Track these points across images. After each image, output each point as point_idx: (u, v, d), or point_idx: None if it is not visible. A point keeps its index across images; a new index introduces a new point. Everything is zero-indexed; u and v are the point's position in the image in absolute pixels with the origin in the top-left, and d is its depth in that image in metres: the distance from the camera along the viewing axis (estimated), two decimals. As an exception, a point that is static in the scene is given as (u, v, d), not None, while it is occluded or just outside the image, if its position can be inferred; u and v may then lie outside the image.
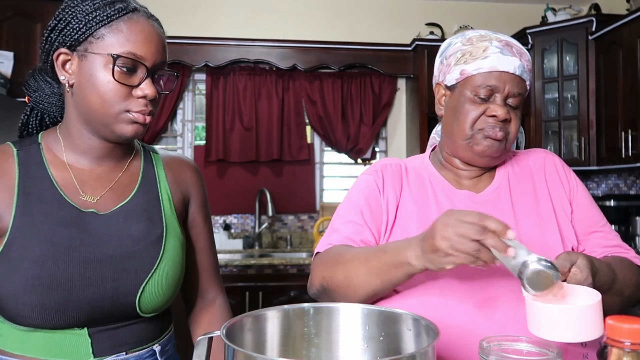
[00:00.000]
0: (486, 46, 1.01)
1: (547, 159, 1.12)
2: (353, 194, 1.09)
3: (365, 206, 1.05)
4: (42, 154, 0.93)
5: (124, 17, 0.87)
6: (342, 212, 1.08)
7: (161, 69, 0.92)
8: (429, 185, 1.08)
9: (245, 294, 2.87)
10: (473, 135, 1.02)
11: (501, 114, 0.98)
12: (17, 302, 0.82)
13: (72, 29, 0.87)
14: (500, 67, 0.99)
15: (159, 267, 0.92)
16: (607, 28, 3.15)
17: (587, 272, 0.82)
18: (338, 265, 0.93)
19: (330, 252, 0.99)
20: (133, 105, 0.88)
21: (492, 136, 1.00)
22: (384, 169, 1.10)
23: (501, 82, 0.99)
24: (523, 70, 1.00)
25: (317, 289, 0.99)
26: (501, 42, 1.01)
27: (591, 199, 1.10)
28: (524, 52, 1.03)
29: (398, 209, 1.05)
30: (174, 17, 3.51)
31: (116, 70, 0.85)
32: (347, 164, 3.77)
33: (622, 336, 0.47)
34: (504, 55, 0.99)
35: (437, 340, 0.60)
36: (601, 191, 3.72)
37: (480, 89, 1.00)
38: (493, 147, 1.01)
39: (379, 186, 1.07)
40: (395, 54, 3.60)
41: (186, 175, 1.06)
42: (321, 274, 0.97)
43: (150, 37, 0.88)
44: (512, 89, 0.99)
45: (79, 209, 0.90)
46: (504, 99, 1.00)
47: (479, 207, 1.03)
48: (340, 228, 1.04)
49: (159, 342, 0.97)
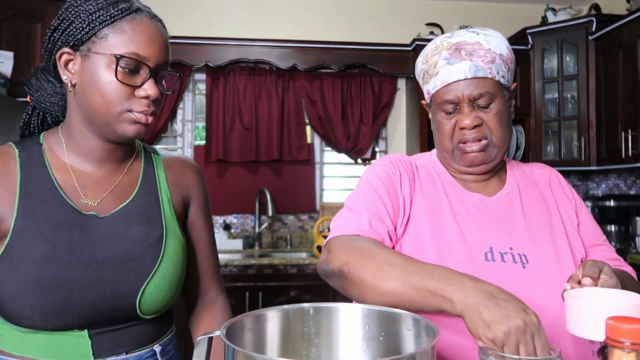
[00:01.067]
0: (435, 61, 1.01)
1: (552, 173, 1.14)
2: (372, 181, 1.03)
3: (386, 196, 1.00)
4: (44, 155, 0.93)
5: (128, 17, 0.87)
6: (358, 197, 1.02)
7: (164, 69, 0.92)
8: (439, 184, 1.06)
9: (245, 294, 2.87)
10: (454, 150, 1.03)
11: (468, 123, 0.98)
12: (18, 303, 0.82)
13: (75, 28, 0.86)
14: (451, 79, 0.99)
15: (159, 268, 0.92)
16: (607, 28, 3.15)
17: (616, 278, 0.82)
18: (370, 261, 0.85)
19: (358, 241, 0.91)
20: (135, 106, 0.88)
21: (469, 151, 1.01)
22: (398, 163, 1.07)
23: (457, 92, 0.99)
24: (477, 69, 0.98)
25: (334, 270, 0.90)
26: (450, 48, 0.99)
27: (592, 215, 1.13)
28: (477, 47, 0.98)
29: (412, 206, 1.02)
30: (174, 17, 3.51)
31: (119, 70, 0.85)
32: (347, 164, 3.77)
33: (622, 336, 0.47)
34: (451, 64, 0.99)
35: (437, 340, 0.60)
36: (601, 191, 3.72)
37: (444, 105, 1.01)
38: (477, 158, 1.01)
39: (396, 178, 1.04)
40: (395, 54, 3.60)
41: (187, 177, 1.06)
42: (345, 259, 0.88)
43: (153, 38, 0.88)
44: (471, 92, 0.98)
45: (80, 211, 0.90)
46: (470, 104, 0.99)
47: (491, 212, 1.03)
48: (362, 214, 0.97)
49: (160, 343, 0.97)
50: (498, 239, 0.99)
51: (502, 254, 0.96)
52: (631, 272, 1.06)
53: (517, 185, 1.08)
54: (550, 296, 0.90)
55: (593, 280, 0.82)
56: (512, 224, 1.01)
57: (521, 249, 0.98)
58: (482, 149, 1.00)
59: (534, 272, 0.95)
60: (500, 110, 1.01)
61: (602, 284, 0.81)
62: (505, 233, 1.00)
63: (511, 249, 0.97)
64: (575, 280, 0.83)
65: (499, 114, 1.01)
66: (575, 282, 0.83)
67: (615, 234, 3.27)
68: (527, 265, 0.96)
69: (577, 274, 0.84)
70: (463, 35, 1.01)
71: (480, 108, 1.00)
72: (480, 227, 1.00)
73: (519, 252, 0.97)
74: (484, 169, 1.05)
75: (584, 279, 0.82)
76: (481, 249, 0.97)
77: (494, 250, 0.97)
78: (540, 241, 1.00)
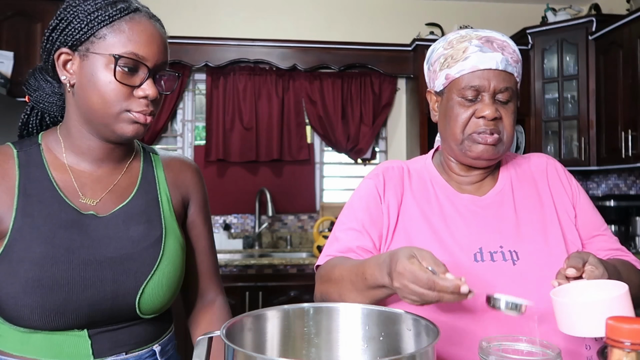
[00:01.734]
0: (465, 47, 1.00)
1: (549, 163, 1.12)
2: (354, 201, 1.10)
3: (365, 212, 1.05)
4: (42, 155, 0.93)
5: (126, 17, 0.87)
6: (343, 218, 1.09)
7: (162, 69, 0.92)
8: (431, 188, 1.07)
9: (245, 294, 2.87)
10: (464, 140, 1.01)
11: (489, 113, 0.97)
12: (17, 303, 0.82)
13: (74, 28, 0.86)
14: (482, 66, 0.98)
15: (158, 268, 0.92)
16: (607, 28, 3.15)
17: (602, 268, 0.82)
18: (331, 284, 0.95)
19: (326, 267, 1.00)
20: (134, 105, 0.88)
21: (482, 142, 0.99)
22: (385, 172, 1.10)
23: (485, 80, 0.98)
24: (507, 63, 0.99)
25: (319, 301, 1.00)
26: (481, 39, 1.00)
27: (592, 204, 1.11)
28: (507, 44, 1.01)
29: (400, 213, 1.04)
30: (174, 17, 3.51)
31: (118, 70, 0.85)
32: (347, 164, 3.77)
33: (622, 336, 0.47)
34: (484, 52, 0.98)
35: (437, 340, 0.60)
36: (601, 191, 3.72)
37: (466, 91, 0.99)
38: (488, 152, 1.00)
39: (380, 190, 1.07)
40: (395, 54, 3.59)
41: (186, 177, 1.06)
42: (320, 289, 1.00)
43: (152, 38, 0.88)
44: (498, 84, 0.98)
45: (78, 211, 0.90)
46: (492, 96, 0.99)
47: (482, 211, 1.03)
48: (341, 236, 1.05)
49: (159, 343, 0.97)
50: (488, 238, 0.99)
51: (491, 253, 0.97)
52: (633, 260, 1.05)
53: (510, 181, 1.08)
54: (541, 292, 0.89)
55: (577, 271, 0.81)
56: (502, 221, 1.02)
57: (512, 247, 0.98)
58: (494, 144, 1.00)
59: (525, 269, 0.95)
60: (515, 110, 1.03)
61: (588, 275, 0.81)
62: (495, 231, 1.00)
63: (501, 247, 0.98)
64: (563, 275, 0.83)
65: (514, 113, 1.02)
66: (563, 277, 0.83)
67: (615, 234, 3.27)
68: (518, 262, 0.96)
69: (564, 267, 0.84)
70: (490, 32, 1.03)
71: (500, 103, 1.00)
72: (470, 227, 1.01)
73: (510, 250, 0.98)
74: (485, 164, 1.05)
75: (567, 270, 0.82)
76: (471, 250, 0.98)
77: (483, 250, 0.98)
78: (532, 237, 1.00)
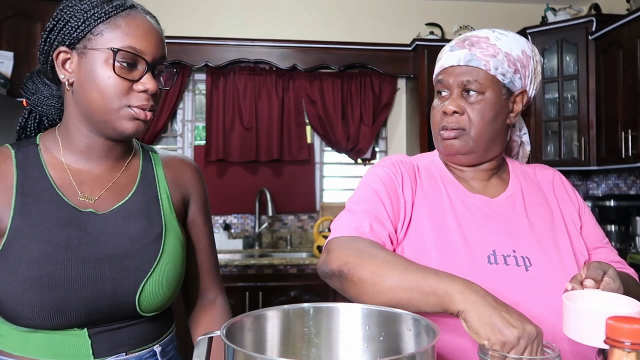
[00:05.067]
0: (444, 49, 1.07)
1: (555, 175, 1.14)
2: (373, 183, 1.02)
3: (387, 198, 0.99)
4: (40, 155, 0.93)
5: (122, 13, 0.88)
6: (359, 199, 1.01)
7: (160, 64, 0.93)
8: (442, 186, 1.05)
9: (245, 294, 2.87)
10: (437, 137, 1.06)
11: (449, 108, 1.01)
12: (16, 302, 0.82)
13: (71, 27, 0.87)
14: (446, 64, 1.03)
15: (158, 265, 0.92)
16: (607, 28, 3.15)
17: (619, 281, 0.82)
18: (369, 260, 0.85)
19: (359, 242, 0.91)
20: (134, 100, 0.88)
21: (445, 137, 1.03)
22: (400, 164, 1.06)
23: (447, 76, 1.02)
24: (472, 58, 0.99)
25: (334, 270, 0.89)
26: (459, 40, 1.04)
27: (594, 218, 1.12)
28: (482, 40, 1.01)
29: (413, 208, 1.01)
30: (174, 17, 3.51)
31: (116, 64, 0.86)
32: (347, 164, 3.77)
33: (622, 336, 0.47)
34: (452, 51, 1.03)
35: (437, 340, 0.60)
36: (601, 191, 3.72)
37: (437, 86, 1.06)
38: (453, 146, 1.02)
39: (398, 180, 1.02)
40: (395, 54, 3.60)
41: (186, 176, 1.06)
42: (345, 259, 0.88)
43: (149, 32, 0.89)
44: (459, 79, 1.00)
45: (77, 208, 0.90)
46: (460, 92, 1.01)
47: (495, 213, 1.02)
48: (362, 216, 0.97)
49: (160, 343, 0.97)
50: (501, 241, 0.98)
51: (505, 256, 0.96)
52: (633, 274, 1.06)
53: (520, 186, 1.07)
54: (553, 300, 0.89)
55: (596, 283, 0.81)
56: (515, 226, 1.01)
57: (524, 252, 0.97)
58: (456, 137, 1.01)
59: (537, 276, 0.94)
60: (487, 104, 1.00)
61: (604, 287, 0.81)
62: (508, 235, 0.99)
63: (514, 252, 0.96)
64: (578, 281, 0.83)
65: (485, 107, 1.00)
66: (578, 283, 0.82)
67: (615, 234, 3.27)
68: (530, 269, 0.95)
69: (580, 274, 0.84)
70: (478, 31, 1.05)
71: (468, 97, 1.01)
72: (482, 229, 0.99)
73: (522, 255, 0.96)
74: (463, 160, 1.04)
75: (586, 280, 0.82)
76: (484, 252, 0.96)
77: (497, 253, 0.96)
78: (544, 244, 0.99)
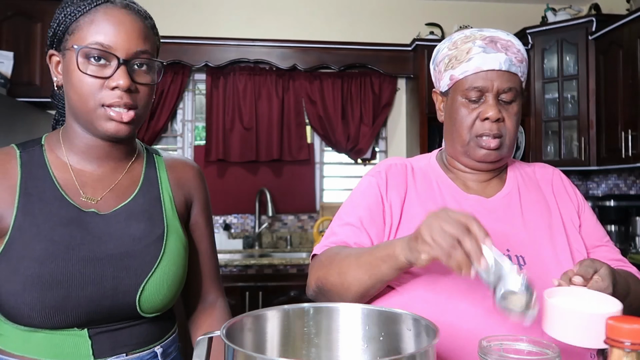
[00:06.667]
0: (469, 47, 1.01)
1: (555, 173, 1.13)
2: (355, 196, 1.08)
3: (365, 209, 1.03)
4: (44, 155, 0.93)
5: (93, 10, 0.86)
6: (342, 214, 1.07)
7: (141, 59, 0.89)
8: (436, 187, 1.06)
9: (245, 294, 2.87)
10: (469, 142, 1.02)
11: (493, 114, 0.98)
12: (17, 301, 0.82)
13: (54, 29, 0.88)
14: (485, 67, 0.99)
15: (159, 266, 0.92)
16: (607, 28, 3.15)
17: (608, 281, 0.82)
18: (332, 264, 0.93)
19: (327, 253, 0.98)
20: (107, 98, 0.86)
21: (485, 146, 1.00)
22: (388, 170, 1.08)
23: (488, 81, 0.99)
24: (510, 63, 0.99)
25: (313, 289, 0.99)
26: (485, 39, 1.01)
27: (595, 216, 1.12)
28: (511, 44, 1.01)
29: (403, 211, 1.03)
30: (174, 17, 3.51)
31: (85, 62, 0.85)
32: (347, 164, 3.77)
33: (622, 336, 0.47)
34: (487, 53, 0.99)
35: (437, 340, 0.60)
36: (601, 191, 3.72)
37: (470, 92, 1.00)
38: (490, 156, 1.02)
39: (381, 188, 1.05)
40: (395, 54, 3.60)
41: (189, 177, 1.06)
42: (317, 274, 0.97)
43: (120, 26, 0.86)
44: (501, 85, 0.99)
45: (79, 208, 0.90)
46: (496, 97, 0.99)
47: (490, 213, 1.02)
48: (338, 231, 1.03)
49: (161, 344, 0.97)
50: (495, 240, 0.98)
51: None
52: (635, 272, 1.05)
53: (517, 185, 1.08)
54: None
55: (585, 281, 0.81)
56: (510, 225, 1.01)
57: (519, 251, 0.97)
58: (497, 147, 1.01)
59: (531, 275, 0.94)
60: (518, 112, 1.02)
61: (592, 285, 0.81)
62: (502, 235, 0.99)
63: (508, 251, 0.96)
64: (568, 277, 0.83)
65: (518, 114, 1.02)
66: (567, 279, 0.83)
67: (615, 234, 3.27)
68: (525, 267, 0.95)
69: (572, 270, 0.84)
70: (495, 32, 1.03)
71: (504, 104, 1.00)
72: None
73: (517, 254, 0.96)
74: (491, 167, 1.05)
75: (574, 277, 0.82)
76: None
77: None
78: (539, 242, 0.99)
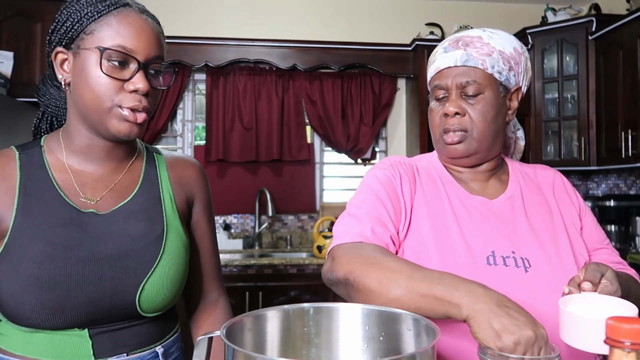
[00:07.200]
0: (436, 51, 1.06)
1: (556, 176, 1.13)
2: (373, 185, 1.02)
3: (388, 200, 0.99)
4: (43, 156, 0.93)
5: (114, 12, 0.87)
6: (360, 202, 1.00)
7: (156, 64, 0.91)
8: (441, 187, 1.05)
9: (245, 294, 2.87)
10: (439, 140, 1.05)
11: (451, 110, 1.00)
12: (17, 302, 0.82)
13: (66, 27, 0.88)
14: (442, 65, 1.02)
15: (159, 265, 0.92)
16: (607, 28, 3.15)
17: (617, 284, 0.82)
18: (374, 269, 0.84)
19: (362, 248, 0.90)
20: (125, 100, 0.87)
21: (450, 142, 1.02)
22: (398, 166, 1.06)
23: (445, 78, 1.02)
24: (468, 58, 1.00)
25: (339, 279, 0.89)
26: (452, 40, 1.04)
27: (595, 219, 1.12)
28: (476, 40, 1.01)
29: (413, 209, 1.01)
30: (174, 17, 3.51)
31: (105, 63, 0.86)
32: (347, 164, 3.77)
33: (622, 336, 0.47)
34: (447, 52, 1.02)
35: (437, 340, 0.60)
36: (601, 191, 3.72)
37: (435, 92, 1.04)
38: (457, 151, 1.02)
39: (397, 182, 1.02)
40: (395, 54, 3.60)
41: (190, 176, 1.06)
42: (350, 267, 0.87)
43: (141, 31, 0.88)
44: (458, 80, 1.00)
45: (78, 209, 0.90)
46: (458, 93, 1.01)
47: (493, 214, 1.02)
48: (364, 220, 0.96)
49: (162, 344, 0.97)
50: (500, 242, 0.97)
51: (504, 258, 0.95)
52: (634, 275, 1.05)
53: (519, 187, 1.07)
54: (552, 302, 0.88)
55: (593, 285, 0.81)
56: (514, 227, 1.00)
57: (524, 253, 0.97)
58: (460, 141, 1.01)
59: (536, 277, 0.94)
60: (488, 104, 1.00)
61: (602, 289, 0.80)
62: (507, 237, 0.98)
63: (513, 253, 0.96)
64: (576, 283, 0.82)
65: (486, 107, 1.00)
66: (576, 285, 0.82)
67: (615, 234, 3.27)
68: (530, 270, 0.95)
69: (578, 276, 0.84)
70: (469, 31, 1.05)
71: (468, 98, 1.01)
72: (482, 230, 0.99)
73: (522, 257, 0.96)
74: (467, 162, 1.05)
75: (583, 283, 0.81)
76: (483, 253, 0.96)
77: (496, 254, 0.96)
78: (543, 245, 0.99)
